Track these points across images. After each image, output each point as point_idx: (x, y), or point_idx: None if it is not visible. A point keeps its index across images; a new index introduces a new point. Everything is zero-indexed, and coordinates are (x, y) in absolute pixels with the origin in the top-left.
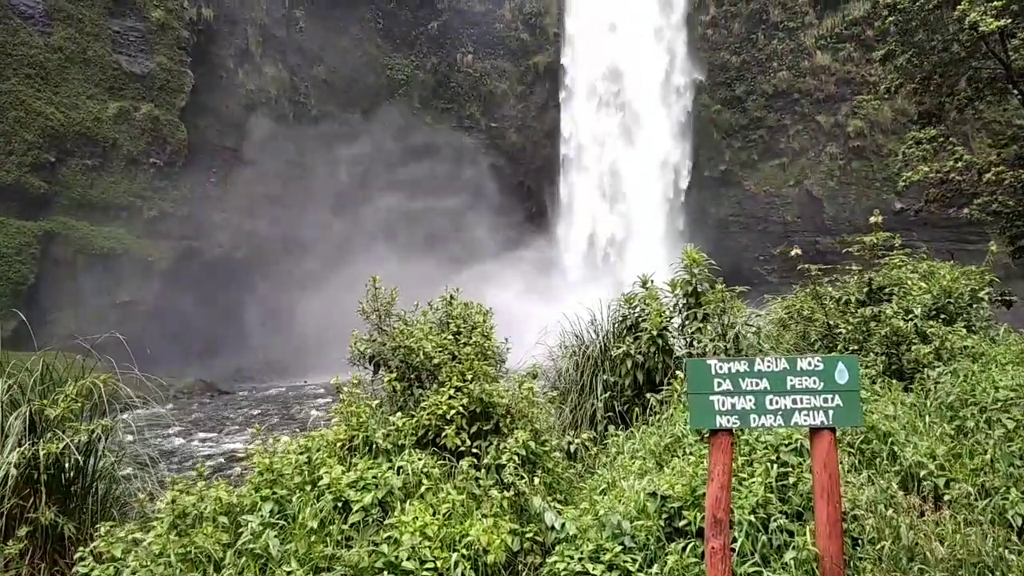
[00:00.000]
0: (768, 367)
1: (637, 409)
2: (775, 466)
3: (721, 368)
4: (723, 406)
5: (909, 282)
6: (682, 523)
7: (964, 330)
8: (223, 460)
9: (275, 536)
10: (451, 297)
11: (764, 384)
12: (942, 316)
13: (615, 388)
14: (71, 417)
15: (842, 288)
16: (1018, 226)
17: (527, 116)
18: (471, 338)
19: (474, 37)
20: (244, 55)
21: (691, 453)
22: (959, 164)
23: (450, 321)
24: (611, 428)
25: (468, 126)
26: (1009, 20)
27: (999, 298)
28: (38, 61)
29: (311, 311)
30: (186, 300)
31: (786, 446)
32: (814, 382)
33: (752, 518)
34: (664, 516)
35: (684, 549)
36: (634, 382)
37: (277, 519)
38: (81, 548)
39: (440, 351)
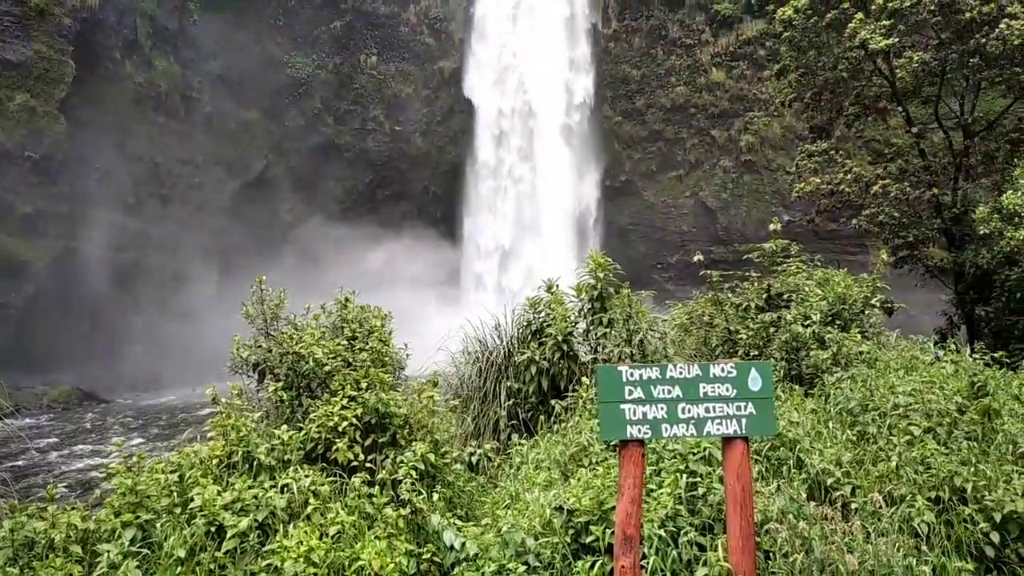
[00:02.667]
0: (680, 374)
1: (542, 417)
2: (684, 476)
3: (632, 375)
4: (634, 415)
5: (807, 288)
6: (589, 539)
7: (859, 336)
8: (98, 475)
9: (136, 567)
10: (346, 300)
11: (676, 392)
12: (837, 322)
13: (519, 395)
14: None
15: (742, 294)
16: (902, 236)
17: (432, 120)
18: (367, 343)
19: (378, 39)
20: (132, 46)
21: (598, 464)
22: (848, 176)
23: (344, 325)
24: (515, 437)
25: (372, 128)
26: (896, 40)
27: (883, 305)
28: None
29: (201, 317)
30: (64, 303)
31: (694, 455)
32: (727, 389)
33: (662, 532)
34: (571, 532)
35: (592, 567)
36: (539, 389)
37: (140, 547)
38: None
39: (332, 358)
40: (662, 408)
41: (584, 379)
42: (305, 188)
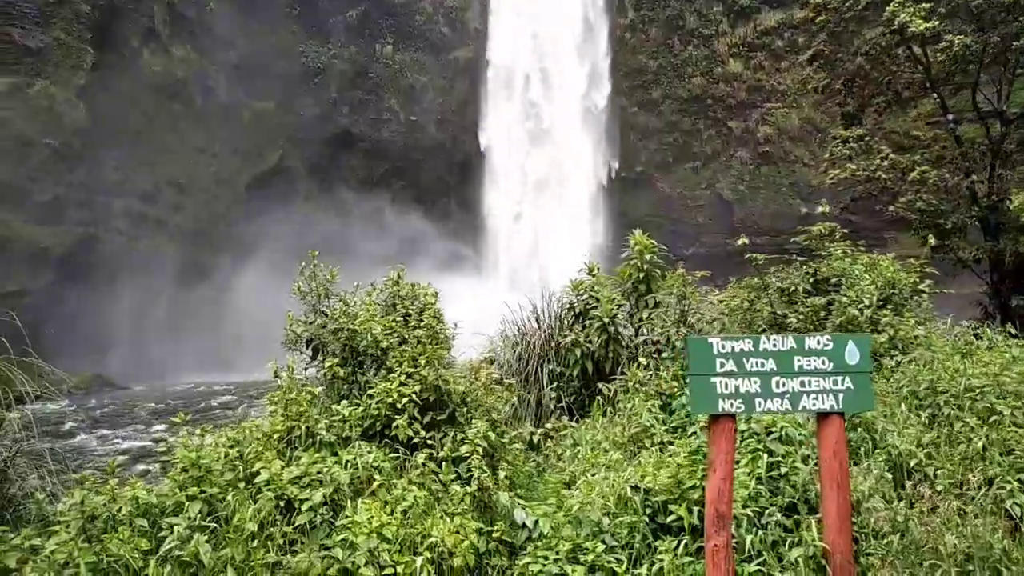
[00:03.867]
0: (774, 346)
1: (586, 399)
2: (764, 455)
3: (724, 347)
4: (726, 389)
5: (856, 272)
6: (670, 519)
7: (912, 321)
8: (124, 459)
9: (206, 541)
10: (399, 277)
11: (770, 364)
12: (888, 307)
13: (562, 378)
14: None
15: (786, 278)
16: (939, 224)
17: (447, 110)
18: (421, 320)
19: (394, 28)
20: (150, 34)
21: (664, 444)
22: (885, 163)
23: (397, 302)
24: (564, 419)
25: (387, 118)
26: (936, 22)
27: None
28: None
29: (216, 305)
30: (82, 291)
31: (769, 434)
32: (823, 363)
33: (750, 512)
34: (647, 511)
35: (676, 547)
36: (583, 372)
37: (207, 522)
38: None
39: (388, 334)
40: (755, 382)
41: (640, 359)
42: (320, 178)
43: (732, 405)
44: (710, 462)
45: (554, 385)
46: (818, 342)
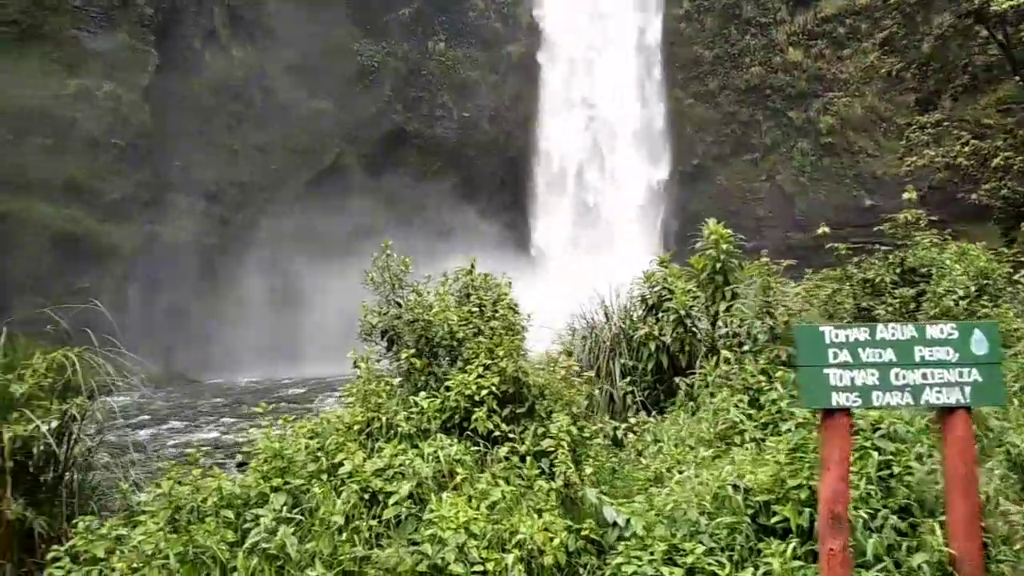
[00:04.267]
0: (893, 335)
1: (660, 395)
2: (875, 454)
3: (837, 336)
4: (840, 381)
5: (947, 262)
6: (774, 520)
7: (1011, 313)
8: (192, 451)
9: (292, 534)
10: (472, 267)
11: (889, 355)
12: (984, 298)
13: (634, 372)
14: (40, 395)
15: (869, 268)
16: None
17: (500, 106)
18: (496, 311)
19: (446, 24)
20: (211, 36)
21: (754, 440)
22: (966, 149)
23: (471, 293)
24: (642, 414)
25: (440, 115)
26: (1020, 1)
27: None
28: None
29: (276, 301)
30: (151, 286)
31: (876, 430)
32: (947, 353)
33: (863, 514)
34: (748, 511)
35: (785, 550)
36: (657, 366)
37: (292, 514)
38: (55, 547)
39: (463, 325)
40: (872, 373)
41: (725, 352)
42: (374, 174)
43: (847, 399)
44: (823, 461)
45: (627, 380)
46: (941, 330)
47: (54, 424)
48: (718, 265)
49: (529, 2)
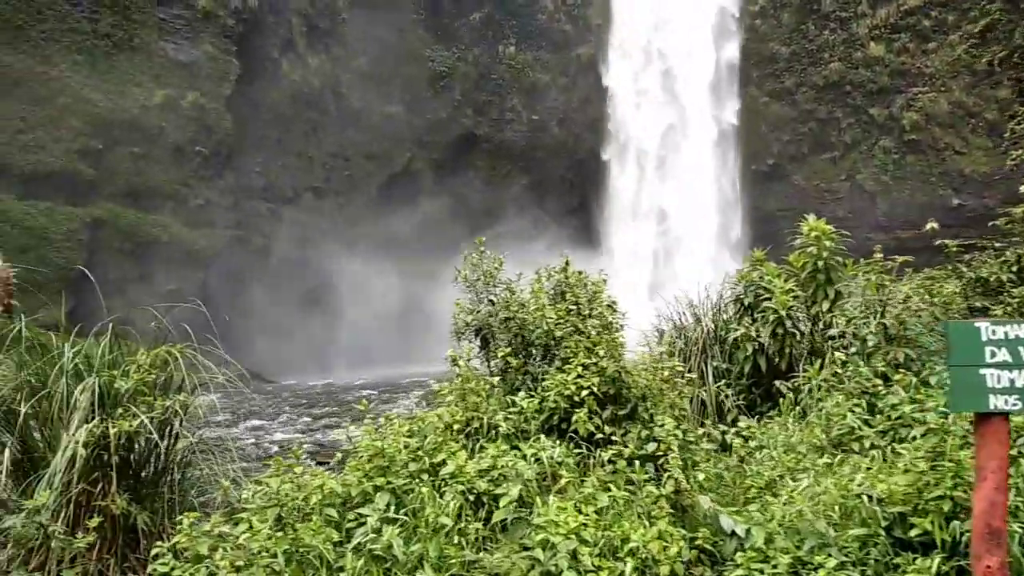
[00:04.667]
0: None
1: (757, 398)
2: None
3: (995, 333)
4: (998, 382)
5: None
6: (914, 533)
7: None
8: (277, 449)
9: (398, 534)
10: (567, 264)
11: None
12: None
13: (728, 375)
14: (144, 391)
15: (982, 266)
16: None
17: (569, 108)
18: (593, 309)
19: (516, 28)
20: (288, 45)
21: (874, 447)
22: None
23: (565, 291)
24: (742, 419)
25: (510, 119)
26: None
27: None
28: (86, 47)
29: (353, 305)
30: (232, 289)
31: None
32: None
33: (1017, 528)
34: (883, 523)
35: (930, 567)
36: (754, 368)
37: (395, 514)
38: (158, 543)
39: (559, 324)
40: None
41: (838, 354)
42: (445, 178)
43: (1007, 402)
44: (978, 469)
45: (722, 382)
46: None
47: (158, 418)
48: (820, 263)
49: (600, 2)
